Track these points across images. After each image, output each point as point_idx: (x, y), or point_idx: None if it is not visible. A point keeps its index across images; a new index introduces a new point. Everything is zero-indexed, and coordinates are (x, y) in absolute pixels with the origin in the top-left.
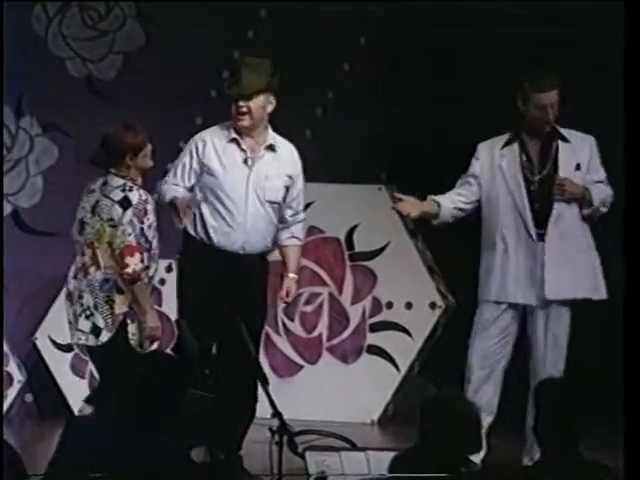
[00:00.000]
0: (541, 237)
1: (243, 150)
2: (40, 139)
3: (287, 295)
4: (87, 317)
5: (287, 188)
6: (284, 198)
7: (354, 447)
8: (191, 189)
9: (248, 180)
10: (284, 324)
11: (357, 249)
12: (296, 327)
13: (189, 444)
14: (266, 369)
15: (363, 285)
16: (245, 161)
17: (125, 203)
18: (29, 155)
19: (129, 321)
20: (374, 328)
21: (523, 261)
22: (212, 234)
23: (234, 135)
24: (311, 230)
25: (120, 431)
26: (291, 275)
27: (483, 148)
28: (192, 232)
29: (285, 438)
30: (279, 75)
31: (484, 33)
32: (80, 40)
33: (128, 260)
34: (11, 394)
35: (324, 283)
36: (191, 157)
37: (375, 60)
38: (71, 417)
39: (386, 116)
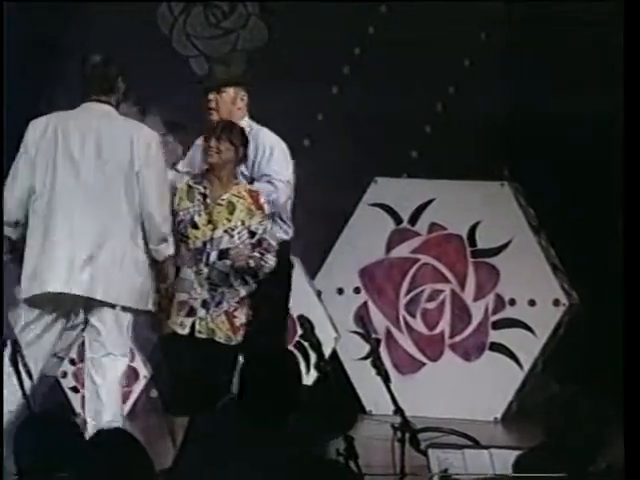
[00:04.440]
0: None
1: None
2: (165, 138)
3: None
4: None
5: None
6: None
7: (477, 445)
8: None
9: None
10: (406, 321)
11: (479, 246)
12: (418, 324)
13: (317, 439)
14: (388, 366)
15: (486, 282)
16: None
17: None
18: None
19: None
20: (497, 325)
21: None
22: None
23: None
24: (433, 227)
25: (242, 427)
26: None
27: None
28: None
29: (407, 435)
30: (251, 69)
31: (603, 27)
32: (204, 38)
33: None
34: (137, 390)
35: (446, 280)
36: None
37: (496, 55)
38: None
39: (507, 111)
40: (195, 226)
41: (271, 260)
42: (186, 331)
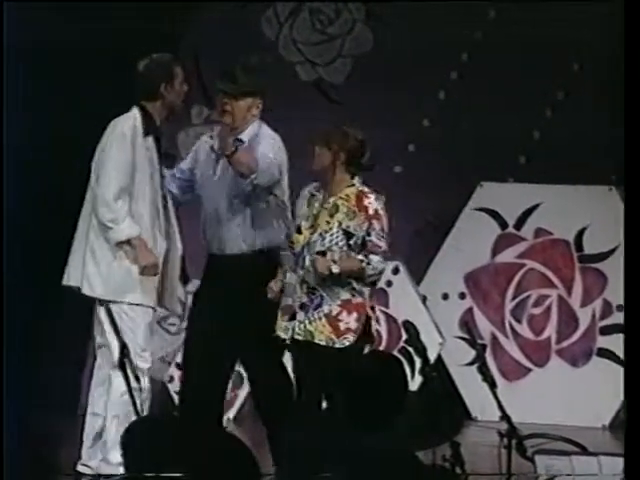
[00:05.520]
0: None
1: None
2: None
3: None
4: None
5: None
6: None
7: (585, 452)
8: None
9: (218, 179)
10: (512, 327)
11: (586, 251)
12: (524, 330)
13: (422, 444)
14: (494, 372)
15: (593, 287)
16: (217, 160)
17: None
18: None
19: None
20: (605, 331)
21: None
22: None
23: (211, 133)
24: (539, 232)
25: (346, 431)
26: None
27: None
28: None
29: (514, 441)
30: (267, 80)
31: None
32: (310, 44)
33: None
34: (242, 394)
35: (553, 285)
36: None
37: (606, 59)
38: (297, 417)
39: (617, 115)
40: (299, 231)
41: (375, 261)
42: (289, 334)
